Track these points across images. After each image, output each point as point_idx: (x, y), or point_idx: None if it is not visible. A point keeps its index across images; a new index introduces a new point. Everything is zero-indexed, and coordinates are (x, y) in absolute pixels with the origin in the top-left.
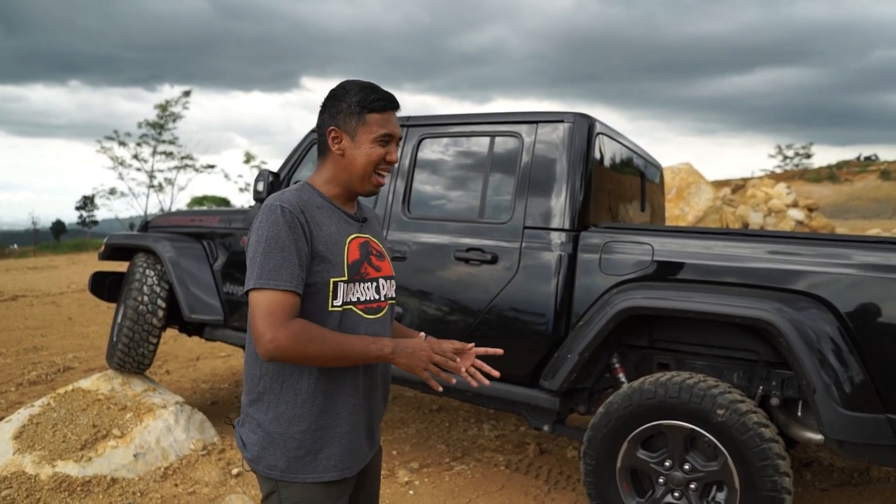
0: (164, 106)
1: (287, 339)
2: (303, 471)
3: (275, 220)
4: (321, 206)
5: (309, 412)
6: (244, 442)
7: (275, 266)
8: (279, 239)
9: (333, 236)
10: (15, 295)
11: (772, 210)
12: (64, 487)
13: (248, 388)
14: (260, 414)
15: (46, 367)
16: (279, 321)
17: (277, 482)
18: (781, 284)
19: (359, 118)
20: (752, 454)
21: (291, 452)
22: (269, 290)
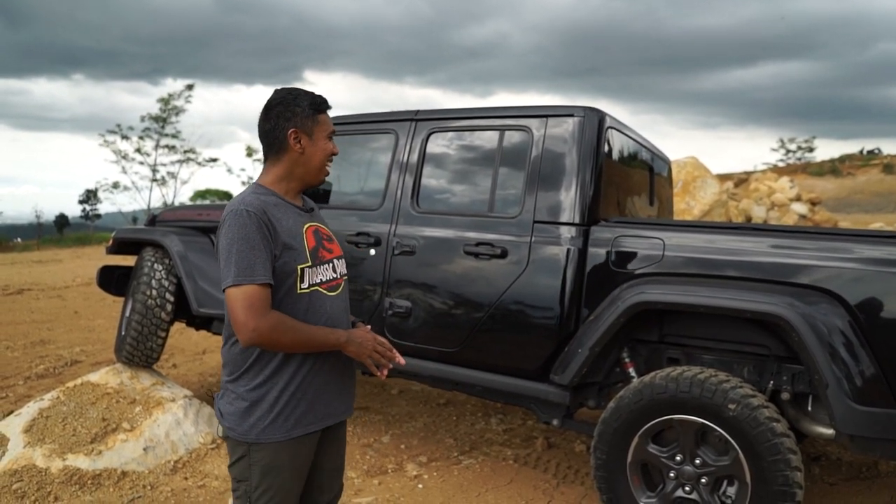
0: (166, 100)
1: (267, 328)
2: (275, 432)
3: (243, 223)
4: (277, 204)
5: (281, 378)
6: (222, 413)
7: (249, 263)
8: (249, 239)
9: (293, 229)
10: (21, 288)
11: (775, 204)
12: (75, 480)
13: (230, 368)
14: (240, 388)
15: (54, 361)
16: (259, 312)
17: (249, 445)
18: (792, 279)
19: (313, 119)
20: (764, 449)
21: (266, 417)
22: (246, 285)
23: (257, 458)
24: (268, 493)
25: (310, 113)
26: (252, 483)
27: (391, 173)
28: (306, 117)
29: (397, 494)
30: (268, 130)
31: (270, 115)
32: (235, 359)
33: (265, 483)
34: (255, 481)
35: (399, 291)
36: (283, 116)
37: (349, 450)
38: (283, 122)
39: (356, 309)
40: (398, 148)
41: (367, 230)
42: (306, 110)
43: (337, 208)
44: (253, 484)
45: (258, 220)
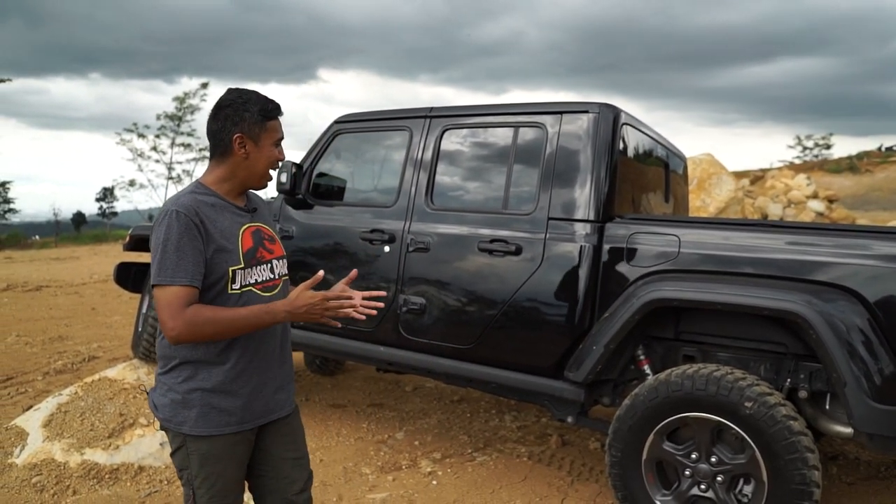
0: (182, 98)
1: (183, 324)
2: (207, 426)
3: (170, 224)
4: (214, 205)
5: (213, 376)
6: (156, 405)
7: (171, 265)
8: (174, 240)
9: (228, 229)
10: (39, 285)
11: (791, 201)
12: (92, 475)
13: (162, 362)
14: (171, 380)
15: (72, 357)
16: (176, 311)
17: (185, 437)
18: (810, 276)
19: (261, 126)
20: (781, 447)
21: (198, 411)
22: (167, 285)
23: (193, 448)
24: (209, 479)
25: (258, 119)
26: (192, 471)
27: (405, 170)
28: (254, 123)
29: (411, 491)
30: (215, 131)
31: (219, 117)
32: (166, 352)
33: (204, 471)
34: (194, 470)
35: (413, 288)
36: (231, 120)
37: (363, 446)
38: (231, 125)
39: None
40: (412, 145)
41: (382, 227)
42: (255, 116)
43: (351, 205)
44: (193, 472)
45: (188, 222)
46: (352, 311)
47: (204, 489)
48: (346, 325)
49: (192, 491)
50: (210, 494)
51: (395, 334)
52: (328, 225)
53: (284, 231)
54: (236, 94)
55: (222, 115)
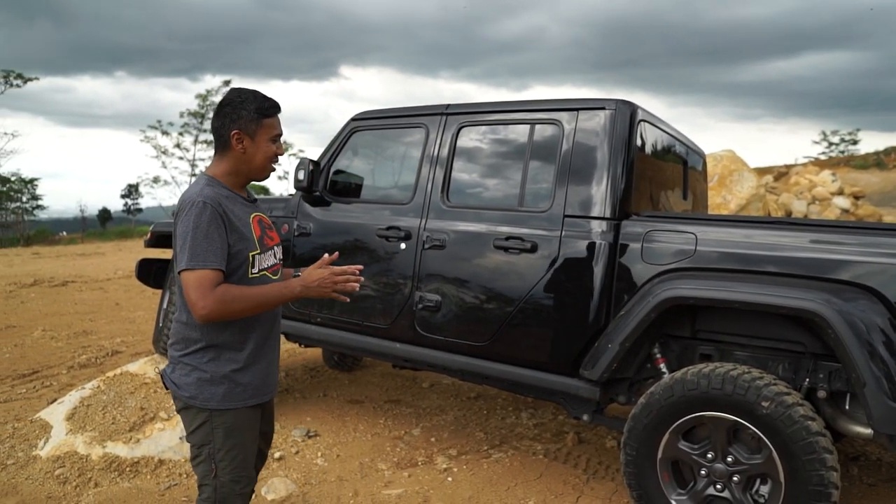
0: (204, 96)
1: (213, 303)
2: (233, 400)
3: (198, 213)
4: (228, 196)
5: (236, 356)
6: (178, 384)
7: (201, 250)
8: (203, 228)
9: (243, 219)
10: (65, 281)
11: (816, 198)
12: (114, 467)
13: (182, 344)
14: (196, 361)
15: (95, 351)
16: (206, 291)
17: (212, 412)
18: (829, 274)
19: (257, 123)
20: (798, 447)
21: (225, 387)
22: (198, 269)
23: (219, 421)
24: (232, 451)
25: (255, 117)
26: (216, 445)
27: (422, 167)
28: (251, 121)
29: (426, 487)
30: (216, 128)
31: (220, 114)
32: (189, 335)
33: (229, 443)
34: (218, 443)
35: (429, 285)
36: (230, 117)
37: (380, 442)
38: (229, 122)
39: (387, 302)
40: (429, 142)
41: (398, 224)
42: (252, 114)
43: (368, 202)
44: (216, 445)
45: (213, 211)
46: (357, 286)
47: (227, 461)
48: (363, 322)
49: (213, 465)
50: (233, 466)
51: (411, 331)
52: (345, 222)
53: (302, 228)
54: (236, 93)
55: (222, 112)
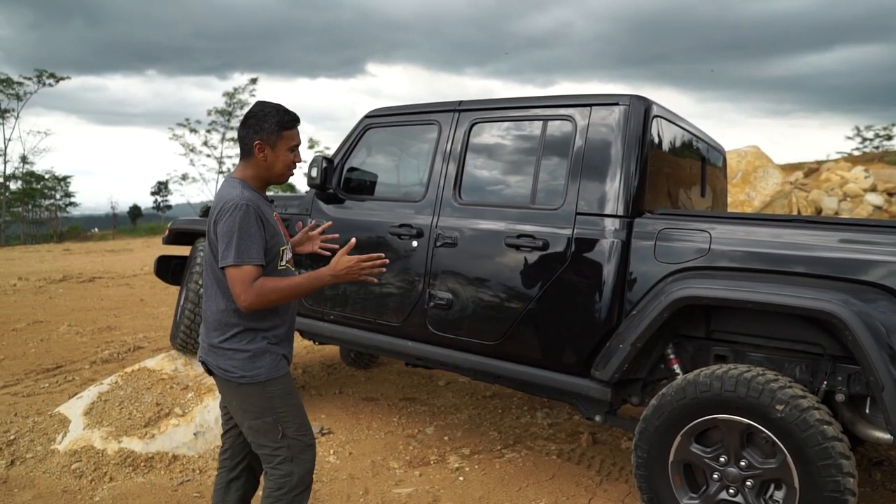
0: (231, 94)
1: (254, 295)
2: (278, 370)
3: (244, 214)
4: (259, 198)
5: (270, 334)
6: (225, 369)
7: (245, 248)
8: (246, 228)
9: (271, 218)
10: (93, 276)
11: (847, 195)
12: (129, 462)
13: (222, 331)
14: (237, 344)
15: (118, 347)
16: (248, 285)
17: (264, 382)
18: (849, 274)
19: (278, 135)
20: (813, 452)
21: (268, 360)
22: (241, 265)
23: (274, 389)
24: (293, 409)
25: (275, 129)
26: (278, 409)
27: (434, 165)
28: (272, 133)
29: (437, 486)
30: (241, 137)
31: (245, 125)
32: (228, 321)
33: (287, 404)
34: (280, 406)
35: (440, 283)
36: (254, 129)
37: (393, 440)
38: (253, 133)
39: (399, 300)
40: (441, 139)
41: (410, 222)
42: (273, 126)
43: (381, 199)
44: (279, 409)
45: (255, 213)
46: (384, 269)
47: (290, 419)
48: (375, 319)
49: (279, 428)
50: (297, 423)
51: (423, 329)
52: (359, 219)
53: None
54: (260, 106)
55: (248, 123)
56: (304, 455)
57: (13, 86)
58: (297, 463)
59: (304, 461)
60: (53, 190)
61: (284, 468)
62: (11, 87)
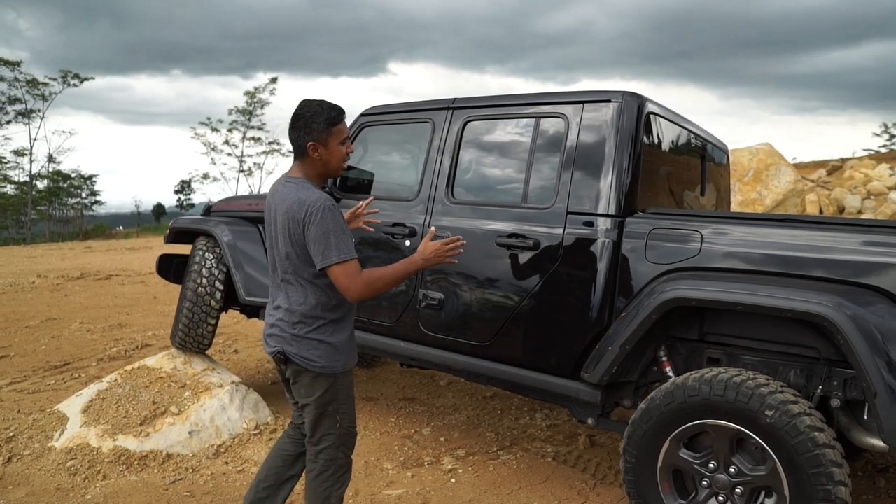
0: (252, 93)
1: (363, 285)
2: (348, 364)
3: (332, 215)
4: None
5: (345, 329)
6: (308, 358)
7: (344, 245)
8: (341, 226)
9: None
10: (109, 274)
11: (871, 193)
12: (123, 461)
13: (305, 322)
14: (322, 336)
15: (126, 344)
16: (355, 277)
17: (337, 375)
18: (844, 277)
19: (328, 132)
20: (804, 460)
21: (344, 354)
22: (347, 261)
23: (342, 382)
24: (348, 402)
25: (324, 127)
26: (340, 400)
27: (427, 163)
28: (321, 132)
29: (428, 488)
30: (294, 139)
31: (295, 127)
32: (314, 313)
33: (348, 397)
34: (342, 399)
35: (432, 283)
36: (304, 130)
37: (388, 440)
38: (304, 135)
39: (393, 299)
40: (434, 137)
41: (403, 221)
42: (321, 125)
43: (376, 199)
44: (341, 400)
45: (338, 212)
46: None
47: (347, 411)
48: (368, 319)
49: (338, 417)
50: (350, 415)
51: (415, 330)
52: None
53: None
54: (306, 107)
55: (297, 126)
56: (351, 442)
57: (39, 86)
58: (342, 449)
59: (349, 448)
60: (79, 189)
61: (331, 452)
62: (37, 87)
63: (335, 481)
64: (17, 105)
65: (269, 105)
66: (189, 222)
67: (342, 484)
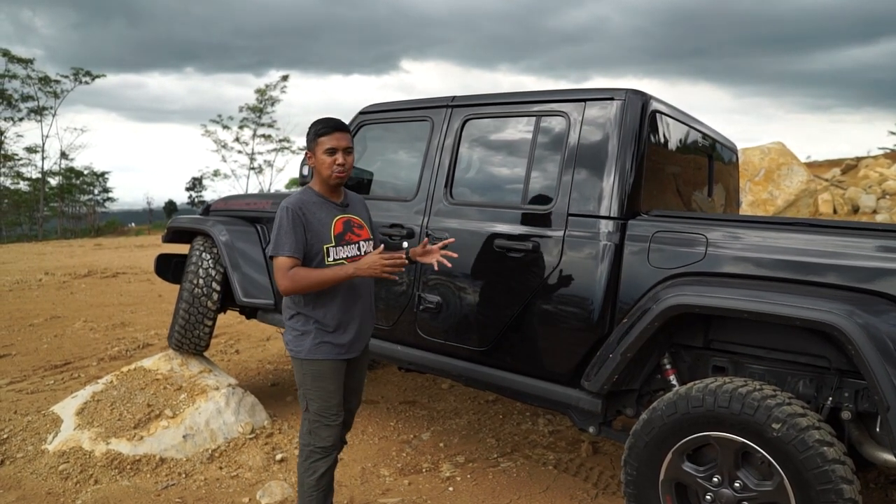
0: (263, 90)
1: (288, 281)
2: (316, 353)
3: (283, 216)
4: (315, 202)
5: (318, 320)
6: (285, 341)
7: (280, 242)
8: (284, 226)
9: (324, 219)
10: (116, 272)
11: (886, 192)
12: (115, 465)
13: (286, 311)
14: (296, 323)
15: (128, 343)
16: (283, 272)
17: (303, 360)
18: (856, 283)
19: (316, 142)
20: (812, 476)
21: (309, 342)
22: (279, 256)
23: (308, 369)
24: (316, 392)
25: (313, 138)
26: (306, 385)
27: (425, 163)
28: (311, 141)
29: (425, 497)
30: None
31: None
32: (289, 305)
33: (314, 385)
34: (308, 384)
35: (430, 287)
36: (306, 144)
37: (387, 446)
38: (306, 147)
39: (391, 303)
40: (433, 136)
41: (401, 222)
42: (311, 136)
43: (374, 199)
44: (307, 385)
45: (294, 214)
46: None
47: (314, 398)
48: None
49: (305, 402)
50: (320, 403)
51: (413, 333)
52: None
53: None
54: (314, 121)
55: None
56: (321, 432)
57: (51, 84)
58: (314, 436)
59: (321, 437)
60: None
61: (304, 438)
62: (49, 85)
63: (307, 467)
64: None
65: (279, 102)
66: (186, 222)
67: (314, 472)
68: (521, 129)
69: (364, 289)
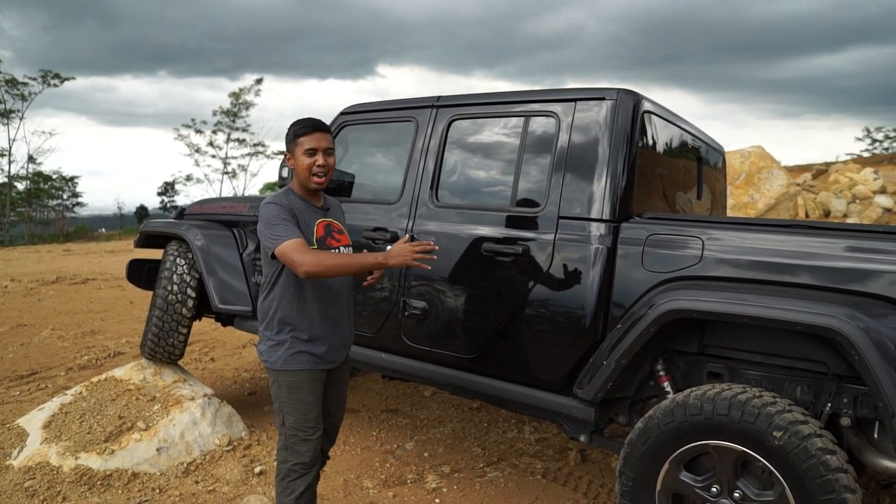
0: (237, 94)
1: (312, 258)
2: (291, 363)
3: (272, 208)
4: (297, 205)
5: (294, 328)
6: (259, 351)
7: (282, 229)
8: (279, 217)
9: (307, 221)
10: (86, 278)
11: (857, 197)
12: (84, 481)
13: (261, 319)
14: (269, 332)
15: (98, 352)
16: (304, 250)
17: (277, 371)
18: (856, 286)
19: (294, 143)
20: (815, 485)
21: (283, 352)
22: (287, 239)
23: (283, 381)
24: (293, 405)
25: (292, 139)
26: (281, 397)
27: (410, 165)
28: (290, 142)
29: None
30: None
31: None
32: (266, 311)
33: (290, 398)
34: (283, 396)
35: (415, 293)
36: (285, 146)
37: (369, 456)
38: (285, 149)
39: (374, 309)
40: (418, 137)
41: (384, 225)
42: (290, 137)
43: (356, 201)
44: (282, 398)
45: (282, 207)
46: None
47: (290, 411)
48: None
49: (282, 415)
50: (297, 417)
51: (397, 341)
52: None
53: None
54: (293, 122)
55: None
56: (298, 447)
57: (18, 86)
58: (290, 452)
59: (298, 452)
60: (60, 190)
61: (281, 454)
62: (16, 87)
63: (285, 486)
64: None
65: (254, 106)
66: (160, 226)
67: (292, 491)
68: (509, 129)
69: (343, 294)
